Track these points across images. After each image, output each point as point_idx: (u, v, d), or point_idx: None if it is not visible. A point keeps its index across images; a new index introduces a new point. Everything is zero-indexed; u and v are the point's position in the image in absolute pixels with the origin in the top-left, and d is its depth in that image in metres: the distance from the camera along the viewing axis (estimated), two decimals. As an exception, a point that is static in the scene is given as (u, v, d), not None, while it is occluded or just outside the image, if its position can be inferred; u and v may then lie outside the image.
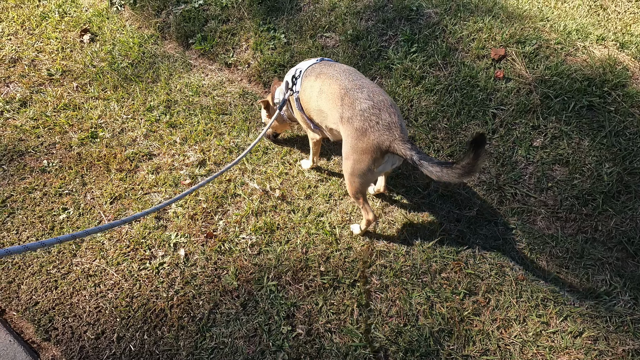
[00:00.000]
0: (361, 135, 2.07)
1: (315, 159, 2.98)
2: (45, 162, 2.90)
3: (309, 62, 2.61)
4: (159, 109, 3.54)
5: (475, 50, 3.31)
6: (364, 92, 2.13)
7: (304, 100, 2.49)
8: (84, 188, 2.76)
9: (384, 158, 2.13)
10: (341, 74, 2.26)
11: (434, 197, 2.91)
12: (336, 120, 2.22)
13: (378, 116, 2.06)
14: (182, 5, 4.23)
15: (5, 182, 2.72)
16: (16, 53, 4.01)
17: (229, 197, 2.87)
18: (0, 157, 2.88)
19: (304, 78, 2.51)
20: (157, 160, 3.10)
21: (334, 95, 2.21)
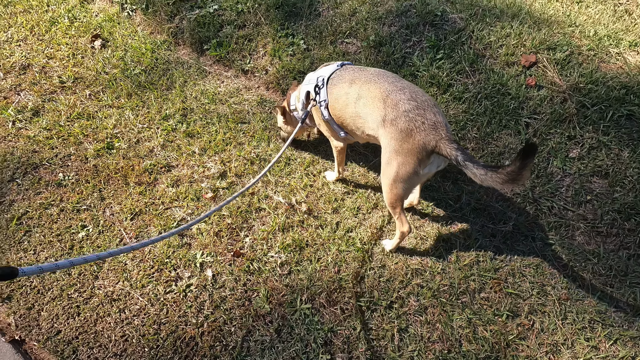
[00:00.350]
0: (406, 136, 2.01)
1: (341, 169, 2.85)
2: (60, 175, 2.75)
3: (330, 69, 2.49)
4: (175, 118, 3.39)
5: (504, 57, 3.17)
6: (406, 93, 2.08)
7: (337, 108, 2.38)
8: (103, 203, 2.61)
9: (430, 159, 2.07)
10: (378, 78, 2.21)
11: (466, 211, 2.76)
12: (377, 124, 2.15)
13: (423, 116, 2.01)
14: (197, 10, 4.08)
15: (20, 197, 2.57)
16: (26, 60, 3.86)
17: (254, 212, 2.72)
18: (14, 170, 2.73)
19: (332, 86, 2.40)
20: (176, 172, 2.95)
21: (375, 98, 2.15)
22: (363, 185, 2.95)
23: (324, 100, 2.43)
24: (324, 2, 3.80)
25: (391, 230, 2.67)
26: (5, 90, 3.47)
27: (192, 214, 2.62)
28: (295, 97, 2.86)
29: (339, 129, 2.50)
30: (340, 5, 3.74)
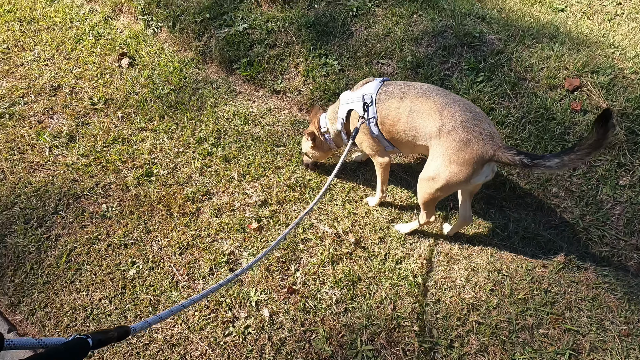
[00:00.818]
0: (464, 146, 2.05)
1: (385, 187, 2.79)
2: (104, 206, 2.67)
3: (374, 86, 2.47)
4: (209, 141, 3.31)
5: (546, 80, 3.10)
6: (461, 105, 2.14)
7: (389, 124, 2.40)
8: (149, 236, 2.54)
9: (482, 168, 2.11)
10: (430, 91, 2.27)
11: (515, 240, 2.69)
12: (431, 135, 2.19)
13: (480, 126, 2.07)
14: (225, 28, 4.00)
15: (66, 232, 2.49)
16: (55, 80, 3.78)
17: (300, 242, 2.65)
18: (57, 202, 2.65)
19: (381, 102, 2.41)
20: (217, 200, 2.87)
21: (430, 110, 2.19)
22: (405, 206, 2.88)
23: (374, 117, 2.43)
24: (356, 22, 3.72)
25: (440, 261, 2.60)
26: (38, 113, 3.39)
27: (240, 246, 2.55)
28: (327, 118, 2.82)
29: (387, 144, 2.51)
30: (373, 25, 3.66)
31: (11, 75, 3.78)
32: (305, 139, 2.94)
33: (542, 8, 4.01)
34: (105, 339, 1.04)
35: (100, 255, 2.38)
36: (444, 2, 3.72)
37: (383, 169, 2.68)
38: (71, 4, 4.81)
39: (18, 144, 3.07)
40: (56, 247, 2.41)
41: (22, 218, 2.54)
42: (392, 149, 2.61)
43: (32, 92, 3.58)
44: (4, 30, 4.38)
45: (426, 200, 2.36)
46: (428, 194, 2.31)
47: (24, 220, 2.53)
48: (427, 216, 2.50)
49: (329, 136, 2.84)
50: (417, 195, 2.42)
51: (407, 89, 2.36)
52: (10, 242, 2.41)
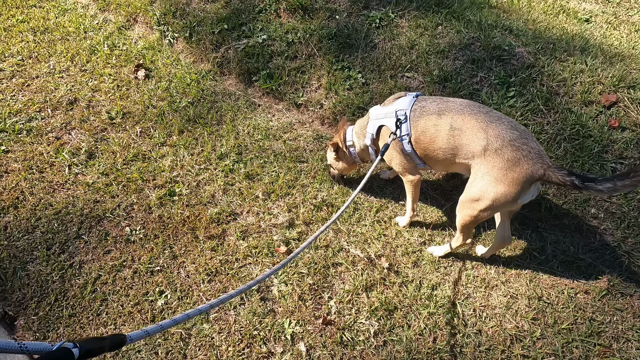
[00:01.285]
0: (513, 165, 1.97)
1: (415, 205, 2.67)
2: (127, 229, 2.54)
3: (407, 101, 2.35)
4: (230, 157, 3.19)
5: (581, 95, 2.97)
6: (506, 123, 2.06)
7: (425, 141, 2.29)
8: (176, 262, 2.41)
9: (530, 188, 2.03)
10: (471, 108, 2.16)
11: (553, 264, 2.56)
12: (474, 153, 2.10)
13: (528, 145, 1.98)
14: (244, 40, 3.88)
15: (90, 258, 2.37)
16: (72, 93, 3.65)
17: (331, 267, 2.52)
18: (79, 225, 2.53)
19: (416, 119, 2.29)
20: (243, 221, 2.75)
21: (473, 129, 2.10)
22: (437, 229, 2.75)
23: (407, 134, 2.32)
24: (379, 34, 3.59)
25: (477, 287, 2.47)
26: (56, 129, 3.26)
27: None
28: (354, 132, 2.70)
29: (419, 161, 2.41)
30: (397, 37, 3.54)
31: (27, 89, 3.67)
32: (329, 150, 2.83)
33: (567, 19, 3.88)
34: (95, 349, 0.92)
35: (127, 284, 2.25)
36: (470, 13, 3.59)
37: (414, 186, 2.56)
38: (84, 13, 4.69)
39: (37, 162, 2.95)
40: (80, 275, 2.28)
41: (44, 243, 2.42)
42: (423, 167, 2.50)
43: (48, 106, 3.46)
44: (18, 41, 4.26)
45: (467, 222, 2.24)
46: (470, 216, 2.19)
47: (46, 246, 2.40)
48: (464, 239, 2.38)
49: (354, 150, 2.73)
50: (457, 217, 2.30)
51: (445, 105, 2.24)
52: (32, 270, 2.28)
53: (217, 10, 4.06)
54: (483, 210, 2.12)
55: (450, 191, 2.96)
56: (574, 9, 4.05)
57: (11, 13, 4.64)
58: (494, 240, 2.49)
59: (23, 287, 2.20)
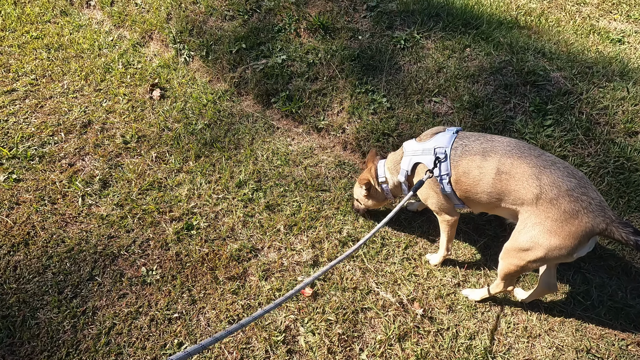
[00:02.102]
0: (570, 218, 1.77)
1: (450, 245, 2.46)
2: (143, 269, 2.36)
3: (447, 138, 2.14)
4: (249, 185, 3.00)
5: (624, 125, 2.75)
6: (562, 169, 1.85)
7: (467, 183, 2.08)
8: (195, 308, 2.21)
9: (588, 241, 1.83)
10: (521, 150, 1.95)
11: (600, 310, 2.33)
12: (524, 201, 1.90)
13: (588, 195, 1.78)
14: (263, 60, 3.70)
15: (104, 303, 2.18)
16: (86, 115, 3.49)
17: (360, 312, 2.31)
18: (93, 265, 2.34)
19: (457, 158, 2.08)
20: (264, 259, 2.55)
21: (524, 175, 1.89)
22: (472, 268, 2.53)
23: (447, 174, 2.11)
24: (404, 55, 3.40)
25: (519, 336, 2.25)
26: (69, 154, 3.10)
27: (296, 319, 2.22)
28: (387, 168, 2.49)
29: (458, 202, 2.21)
30: (423, 59, 3.34)
31: (40, 110, 3.51)
32: (359, 186, 2.62)
33: (600, 39, 3.66)
34: None
35: (143, 335, 2.06)
36: (499, 34, 3.39)
37: (450, 226, 2.36)
38: (99, 29, 4.56)
39: (49, 192, 2.77)
40: (94, 323, 2.09)
41: (56, 287, 2.23)
42: (462, 207, 2.29)
43: (62, 130, 3.30)
44: (32, 58, 4.12)
45: (511, 271, 2.04)
46: (516, 266, 1.99)
47: (57, 290, 2.22)
48: (505, 286, 2.18)
49: (387, 186, 2.52)
50: (500, 264, 2.09)
51: (490, 145, 2.03)
52: (42, 318, 2.10)
53: (234, 29, 3.89)
54: (532, 262, 1.92)
55: (484, 226, 2.74)
56: (605, 29, 3.83)
57: (25, 29, 4.52)
58: (537, 286, 2.27)
59: (33, 339, 2.02)
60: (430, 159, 2.15)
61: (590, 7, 4.10)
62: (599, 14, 4.01)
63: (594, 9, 4.08)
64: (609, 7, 4.10)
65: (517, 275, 2.09)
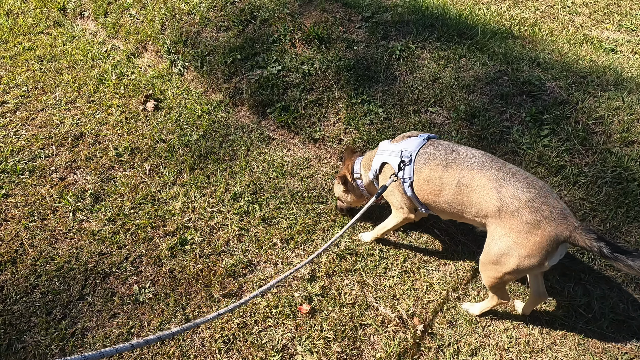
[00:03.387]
0: (533, 229, 1.76)
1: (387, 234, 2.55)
2: (135, 287, 2.27)
3: (415, 143, 2.14)
4: (245, 198, 2.93)
5: (620, 135, 2.73)
6: (521, 180, 1.84)
7: (427, 191, 2.10)
8: (189, 327, 2.13)
9: (558, 249, 1.81)
10: (482, 163, 1.95)
11: (602, 323, 2.28)
12: (487, 214, 1.90)
13: (548, 204, 1.77)
14: (258, 70, 3.65)
15: (94, 323, 2.09)
16: (78, 128, 3.41)
17: (359, 328, 2.24)
18: (83, 283, 2.25)
19: (421, 165, 2.10)
20: (260, 274, 2.48)
21: (484, 188, 1.89)
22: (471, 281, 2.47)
23: (409, 178, 2.13)
24: (400, 66, 3.37)
25: (521, 351, 2.19)
26: (60, 168, 3.01)
27: (293, 338, 2.14)
28: (362, 164, 2.50)
29: (421, 206, 2.23)
30: (419, 69, 3.31)
31: (31, 123, 3.43)
32: (337, 183, 2.62)
33: (593, 48, 3.66)
34: None
35: (135, 358, 1.97)
36: (494, 44, 3.37)
37: (400, 222, 2.39)
38: (92, 40, 4.49)
39: (38, 208, 2.69)
40: (83, 345, 2.00)
41: (44, 307, 2.14)
42: (427, 212, 2.28)
43: (53, 143, 3.22)
44: (24, 70, 4.04)
45: (493, 284, 2.03)
46: (494, 278, 1.98)
47: (45, 310, 2.13)
48: (498, 299, 2.14)
49: (361, 182, 2.54)
50: (482, 277, 2.08)
51: (453, 156, 2.03)
52: (29, 342, 2.00)
53: (229, 40, 3.85)
54: (508, 274, 1.91)
55: (483, 237, 2.69)
56: (597, 38, 3.84)
57: (18, 40, 4.44)
58: (529, 296, 2.23)
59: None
60: (395, 161, 2.17)
61: (582, 17, 4.11)
62: (591, 24, 4.03)
63: (586, 19, 4.10)
64: (600, 16, 4.12)
65: (501, 286, 2.05)
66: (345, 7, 3.75)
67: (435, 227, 2.72)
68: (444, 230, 2.72)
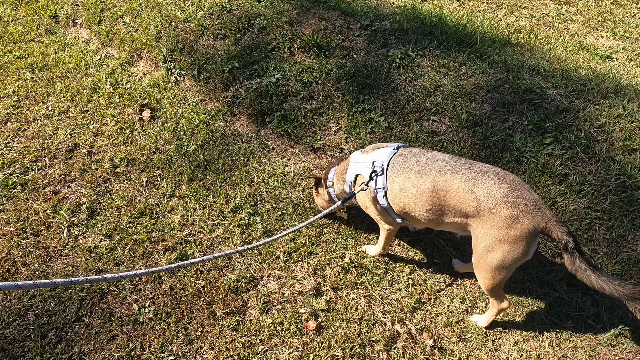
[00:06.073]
0: (512, 223, 1.80)
1: (387, 247, 2.49)
2: (135, 306, 2.16)
3: (386, 153, 2.13)
4: (245, 209, 2.84)
5: (622, 142, 2.70)
6: (492, 177, 1.86)
7: (403, 200, 2.08)
8: (192, 348, 2.03)
9: (536, 239, 1.87)
10: (453, 166, 1.96)
11: (612, 334, 2.23)
12: (467, 214, 1.92)
13: (522, 197, 1.81)
14: (256, 79, 3.57)
15: (92, 347, 1.97)
16: (72, 139, 3.29)
17: (367, 345, 2.16)
18: (80, 303, 2.14)
19: (395, 175, 2.08)
20: (264, 289, 2.39)
21: (459, 190, 1.90)
22: (478, 292, 2.42)
23: (383, 188, 2.10)
24: (400, 74, 3.32)
25: None
26: (54, 181, 2.89)
27: (301, 357, 2.05)
28: (335, 174, 2.49)
29: (396, 217, 2.21)
30: (419, 77, 3.26)
31: (23, 134, 3.30)
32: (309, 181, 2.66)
33: (590, 56, 3.66)
34: None
35: (136, 382, 1.87)
36: (493, 52, 3.35)
37: (389, 234, 2.36)
38: (86, 48, 4.37)
39: (32, 224, 2.56)
40: (81, 371, 1.89)
41: (38, 330, 2.02)
42: (401, 222, 2.25)
43: (46, 155, 3.10)
44: (14, 79, 3.91)
45: (489, 285, 2.02)
46: (489, 278, 1.98)
47: (40, 334, 2.01)
48: (498, 302, 2.12)
49: (333, 191, 2.53)
50: (479, 281, 2.07)
51: (425, 162, 2.03)
52: (23, 368, 1.89)
53: (226, 48, 3.77)
54: (497, 270, 1.92)
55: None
56: (593, 45, 3.85)
57: (8, 48, 4.31)
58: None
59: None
60: (367, 171, 2.15)
61: (577, 25, 4.12)
62: (586, 31, 4.04)
63: (580, 26, 4.11)
64: (594, 24, 4.14)
65: (498, 287, 2.02)
66: (344, 15, 3.70)
67: (440, 239, 2.66)
68: (449, 240, 2.67)
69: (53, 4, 4.75)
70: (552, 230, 1.80)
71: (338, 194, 2.51)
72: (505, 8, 4.34)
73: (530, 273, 2.47)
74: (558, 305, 2.35)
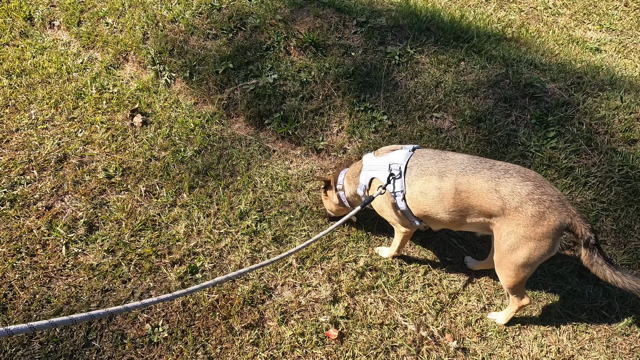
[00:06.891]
0: (539, 220, 1.78)
1: (401, 249, 2.45)
2: (148, 326, 2.03)
3: (402, 155, 2.08)
4: (252, 216, 2.73)
5: (622, 134, 2.74)
6: (515, 175, 1.84)
7: (425, 203, 2.02)
8: (213, 367, 1.93)
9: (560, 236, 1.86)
10: (473, 166, 1.92)
11: (626, 324, 2.26)
12: (491, 214, 1.88)
13: (547, 194, 1.80)
14: (253, 80, 3.44)
15: (105, 374, 1.84)
16: (60, 149, 3.08)
17: (391, 350, 2.11)
18: (87, 327, 1.99)
19: (414, 177, 2.02)
20: (279, 298, 2.30)
21: (482, 190, 1.86)
22: (494, 288, 2.40)
23: (401, 192, 2.03)
24: (400, 71, 3.26)
25: (554, 359, 2.13)
26: (45, 195, 2.69)
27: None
28: (346, 176, 2.43)
29: (414, 220, 2.16)
30: (419, 74, 3.22)
31: (6, 146, 3.06)
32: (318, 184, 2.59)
33: (580, 48, 3.70)
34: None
35: (157, 409, 1.75)
36: (490, 47, 3.33)
37: (404, 237, 2.31)
38: (66, 51, 4.10)
39: (25, 242, 2.37)
40: (96, 401, 1.76)
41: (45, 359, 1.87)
42: (419, 225, 2.21)
43: (34, 167, 2.88)
44: (-10, 87, 3.63)
45: (511, 283, 2.00)
46: (511, 276, 1.97)
47: (47, 364, 1.86)
48: (519, 299, 2.10)
49: (343, 194, 2.46)
50: (500, 279, 2.04)
51: (444, 164, 1.97)
52: (33, 403, 1.74)
53: (219, 48, 3.61)
54: (522, 267, 1.90)
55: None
56: (581, 38, 3.90)
57: (-20, 54, 4.00)
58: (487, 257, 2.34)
59: None
60: (384, 175, 2.09)
61: (565, 18, 4.17)
62: (574, 24, 4.09)
63: (568, 19, 4.15)
64: (581, 17, 4.19)
65: (520, 285, 2.02)
66: (339, 12, 3.61)
67: (452, 237, 2.64)
68: (460, 238, 2.64)
69: (26, 5, 4.44)
70: (577, 226, 1.80)
71: (349, 197, 2.44)
72: (495, 2, 4.34)
73: (542, 266, 2.47)
74: (571, 297, 2.36)
